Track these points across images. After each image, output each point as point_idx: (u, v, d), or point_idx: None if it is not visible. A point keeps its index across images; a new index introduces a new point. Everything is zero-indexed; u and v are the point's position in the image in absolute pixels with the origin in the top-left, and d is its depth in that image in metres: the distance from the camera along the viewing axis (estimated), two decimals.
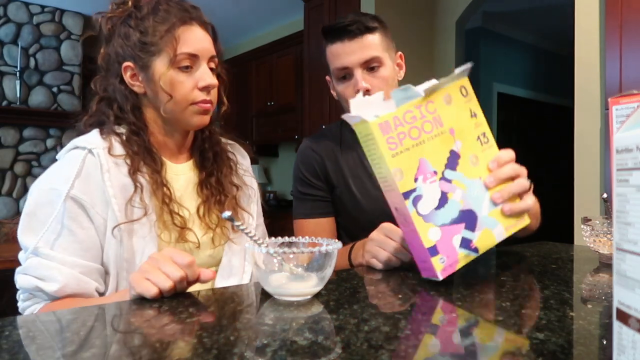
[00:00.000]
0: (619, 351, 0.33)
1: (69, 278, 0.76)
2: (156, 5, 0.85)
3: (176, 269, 0.64)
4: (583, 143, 2.24)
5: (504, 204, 0.73)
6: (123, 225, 0.79)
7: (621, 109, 0.68)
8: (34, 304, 0.79)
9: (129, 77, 0.86)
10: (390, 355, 0.43)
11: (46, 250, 0.76)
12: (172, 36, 0.82)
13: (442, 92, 0.70)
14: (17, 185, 4.28)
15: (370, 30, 1.08)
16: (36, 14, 4.38)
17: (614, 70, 1.97)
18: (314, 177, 1.17)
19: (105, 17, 0.87)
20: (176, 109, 0.85)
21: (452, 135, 0.71)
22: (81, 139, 0.84)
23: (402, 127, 0.67)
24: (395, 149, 0.66)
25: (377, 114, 0.66)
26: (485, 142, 0.74)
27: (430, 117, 0.69)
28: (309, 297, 0.63)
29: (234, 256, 0.94)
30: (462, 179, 0.71)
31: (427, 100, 0.69)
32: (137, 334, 0.51)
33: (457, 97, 0.72)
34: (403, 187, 0.66)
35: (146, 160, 0.85)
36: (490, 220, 0.72)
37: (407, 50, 3.79)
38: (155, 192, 0.84)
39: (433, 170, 0.69)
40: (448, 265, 0.69)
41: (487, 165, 0.73)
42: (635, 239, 0.31)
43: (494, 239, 0.73)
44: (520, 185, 0.74)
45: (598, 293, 0.69)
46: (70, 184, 0.77)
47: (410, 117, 0.67)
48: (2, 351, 0.45)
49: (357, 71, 1.08)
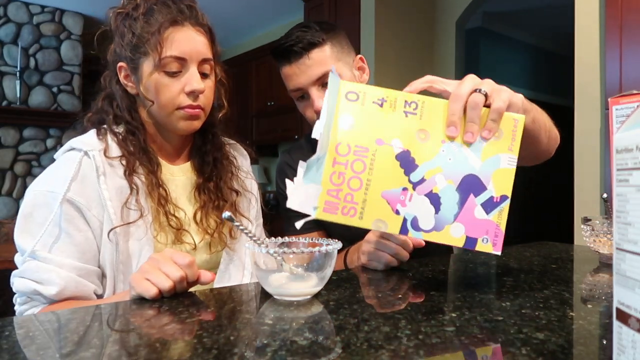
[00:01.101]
0: (619, 351, 0.33)
1: (67, 281, 0.76)
2: (151, 6, 0.83)
3: (176, 269, 0.64)
4: (583, 143, 2.24)
5: (482, 131, 0.63)
6: (119, 228, 0.79)
7: (621, 109, 0.68)
8: (32, 307, 0.78)
9: (123, 77, 0.85)
10: (390, 355, 0.43)
11: (44, 253, 0.76)
12: (157, 39, 0.80)
13: (336, 125, 0.64)
14: (17, 185, 4.28)
15: (316, 44, 1.02)
16: (36, 14, 4.38)
17: (614, 70, 1.97)
18: None
19: (115, 12, 0.86)
20: (162, 113, 0.84)
21: (382, 145, 0.64)
22: (77, 140, 0.84)
23: (341, 191, 0.62)
24: (356, 214, 0.62)
25: (314, 205, 0.62)
26: (414, 109, 0.64)
27: (351, 157, 0.63)
28: (309, 297, 0.63)
29: (232, 263, 0.93)
30: (430, 164, 0.63)
31: (334, 148, 0.63)
32: (136, 333, 0.51)
33: (355, 112, 0.64)
34: (396, 229, 0.63)
35: (142, 160, 0.84)
36: (491, 162, 0.64)
37: (407, 50, 3.78)
38: (151, 193, 0.83)
39: (401, 189, 0.63)
40: (494, 237, 0.62)
41: (436, 122, 0.64)
42: (635, 239, 0.31)
43: (509, 173, 0.63)
44: (478, 101, 0.62)
45: (598, 293, 0.69)
46: (67, 186, 0.77)
47: (337, 176, 0.63)
48: (2, 351, 0.45)
49: (312, 90, 1.03)
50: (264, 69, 4.59)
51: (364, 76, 1.13)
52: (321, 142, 0.62)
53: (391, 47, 3.20)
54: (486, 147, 0.64)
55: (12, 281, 0.78)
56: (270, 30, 4.84)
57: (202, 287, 0.88)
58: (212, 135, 0.95)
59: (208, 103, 0.88)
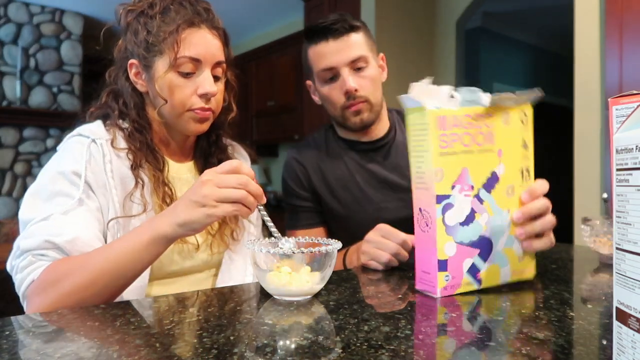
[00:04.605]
0: (619, 351, 0.33)
1: (83, 230, 0.73)
2: (167, 5, 0.83)
3: None
4: (583, 143, 2.24)
5: (525, 240, 0.70)
6: (121, 220, 0.79)
7: (621, 109, 0.67)
8: (36, 268, 0.70)
9: (133, 74, 0.85)
10: (390, 355, 0.43)
11: (58, 216, 0.72)
12: (175, 38, 0.80)
13: (504, 110, 0.68)
14: (17, 185, 4.28)
15: (355, 29, 1.05)
16: (36, 14, 4.37)
17: (614, 70, 1.97)
18: (300, 188, 1.15)
19: (126, 9, 0.85)
20: (172, 113, 0.84)
21: (498, 157, 0.68)
22: (84, 128, 0.84)
23: (458, 128, 0.64)
24: (445, 148, 0.63)
25: (438, 105, 0.63)
26: (527, 179, 0.71)
27: (485, 130, 0.66)
28: (309, 297, 0.63)
29: (233, 264, 0.92)
30: (493, 204, 0.68)
31: (488, 112, 0.66)
32: (137, 333, 0.51)
33: (515, 121, 0.69)
34: (439, 190, 0.63)
35: (148, 158, 0.84)
36: (502, 257, 0.69)
37: (407, 50, 3.78)
38: (157, 190, 0.83)
39: (471, 184, 0.66)
40: (450, 285, 0.65)
41: (519, 200, 0.70)
42: (635, 239, 0.31)
43: (498, 279, 0.69)
44: (545, 223, 0.70)
45: (598, 293, 0.69)
46: (84, 165, 0.76)
47: (468, 122, 0.65)
48: (2, 351, 0.45)
49: (344, 70, 1.04)
50: (264, 69, 4.59)
51: (384, 74, 1.15)
52: (492, 98, 0.66)
53: (391, 47, 3.20)
54: (512, 249, 0.70)
55: (17, 245, 0.73)
56: (270, 30, 4.84)
57: (202, 287, 0.89)
58: (216, 136, 0.95)
59: (218, 106, 0.88)
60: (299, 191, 1.15)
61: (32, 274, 0.71)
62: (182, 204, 0.66)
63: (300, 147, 1.21)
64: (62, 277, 0.68)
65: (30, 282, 0.71)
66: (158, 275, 0.83)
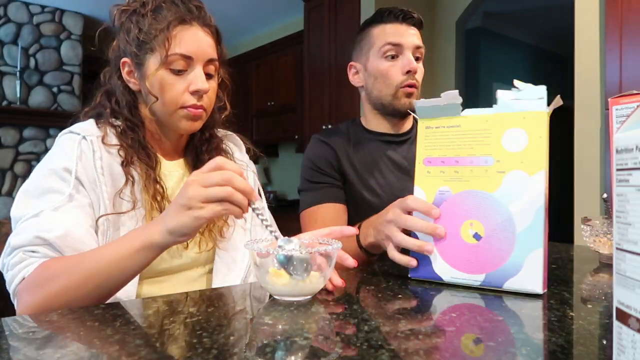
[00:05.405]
0: (619, 351, 0.33)
1: (74, 226, 0.73)
2: (159, 3, 0.83)
3: None
4: (583, 143, 2.24)
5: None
6: (111, 217, 0.79)
7: (621, 109, 0.68)
8: (27, 266, 0.70)
9: (125, 73, 0.86)
10: (390, 355, 0.43)
11: (48, 212, 0.73)
12: (166, 35, 0.80)
13: None
14: (17, 185, 4.27)
15: (422, 27, 1.18)
16: (36, 14, 4.37)
17: (614, 70, 1.97)
18: (327, 166, 1.17)
19: (120, 9, 0.86)
20: (164, 111, 0.84)
21: None
22: (76, 126, 0.84)
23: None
24: None
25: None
26: None
27: None
28: (309, 297, 0.63)
29: (222, 261, 0.91)
30: None
31: None
32: (137, 333, 0.51)
33: None
34: None
35: (140, 155, 0.84)
36: None
37: None
38: (148, 187, 0.83)
39: None
40: None
41: None
42: (635, 239, 0.31)
43: None
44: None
45: (598, 293, 0.69)
46: (74, 161, 0.77)
47: None
48: (2, 351, 0.45)
49: (408, 53, 1.12)
50: (264, 69, 4.59)
51: None
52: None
53: None
54: None
55: (8, 242, 0.73)
56: (270, 30, 4.84)
57: (195, 285, 0.88)
58: (209, 135, 0.95)
59: (210, 104, 0.88)
60: (325, 169, 1.17)
61: (22, 271, 0.70)
62: (172, 209, 0.65)
63: (327, 132, 1.25)
64: (53, 276, 0.68)
65: (20, 280, 0.70)
66: (148, 274, 0.83)
